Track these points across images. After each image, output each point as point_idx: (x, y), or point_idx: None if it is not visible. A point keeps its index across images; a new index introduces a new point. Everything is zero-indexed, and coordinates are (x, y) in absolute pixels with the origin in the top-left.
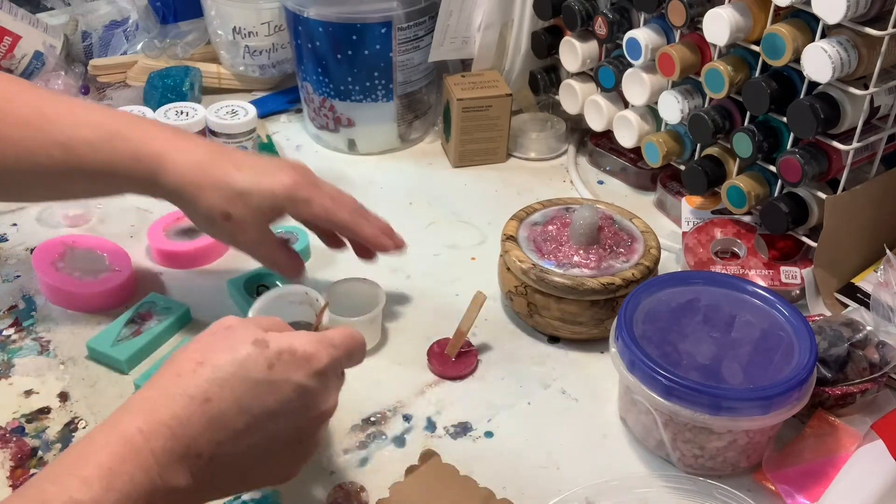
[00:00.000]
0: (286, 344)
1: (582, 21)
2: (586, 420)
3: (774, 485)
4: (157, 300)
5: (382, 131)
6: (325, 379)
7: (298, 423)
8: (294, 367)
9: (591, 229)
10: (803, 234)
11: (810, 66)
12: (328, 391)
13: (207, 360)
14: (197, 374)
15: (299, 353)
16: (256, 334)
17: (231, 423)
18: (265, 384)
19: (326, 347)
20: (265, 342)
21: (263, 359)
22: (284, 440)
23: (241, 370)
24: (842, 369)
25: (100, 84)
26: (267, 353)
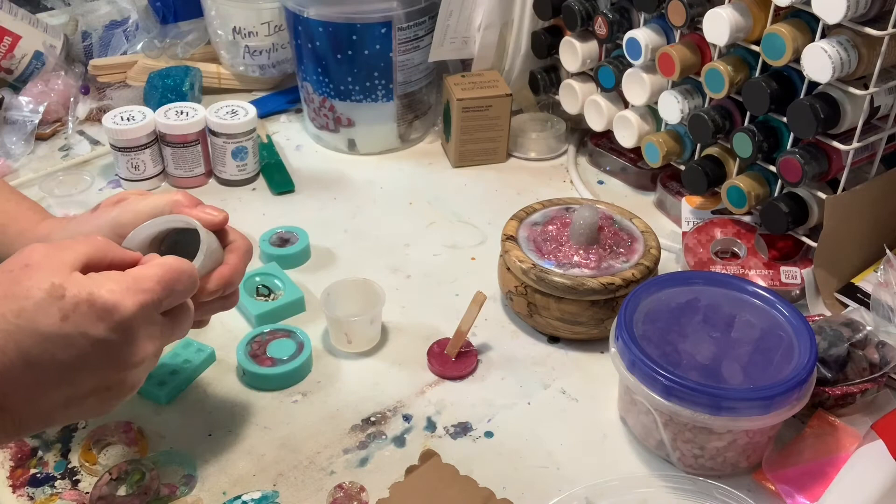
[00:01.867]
0: (85, 292)
1: (582, 21)
2: (586, 420)
3: (774, 485)
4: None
5: (382, 131)
6: (131, 329)
7: (103, 374)
8: (91, 320)
9: (591, 229)
10: (803, 234)
11: (810, 66)
12: (138, 341)
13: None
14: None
15: (98, 303)
16: (55, 277)
17: (17, 376)
18: (57, 338)
19: (135, 293)
20: (62, 289)
21: (56, 310)
22: (88, 390)
23: (29, 322)
24: (842, 369)
25: (100, 84)
26: (61, 304)
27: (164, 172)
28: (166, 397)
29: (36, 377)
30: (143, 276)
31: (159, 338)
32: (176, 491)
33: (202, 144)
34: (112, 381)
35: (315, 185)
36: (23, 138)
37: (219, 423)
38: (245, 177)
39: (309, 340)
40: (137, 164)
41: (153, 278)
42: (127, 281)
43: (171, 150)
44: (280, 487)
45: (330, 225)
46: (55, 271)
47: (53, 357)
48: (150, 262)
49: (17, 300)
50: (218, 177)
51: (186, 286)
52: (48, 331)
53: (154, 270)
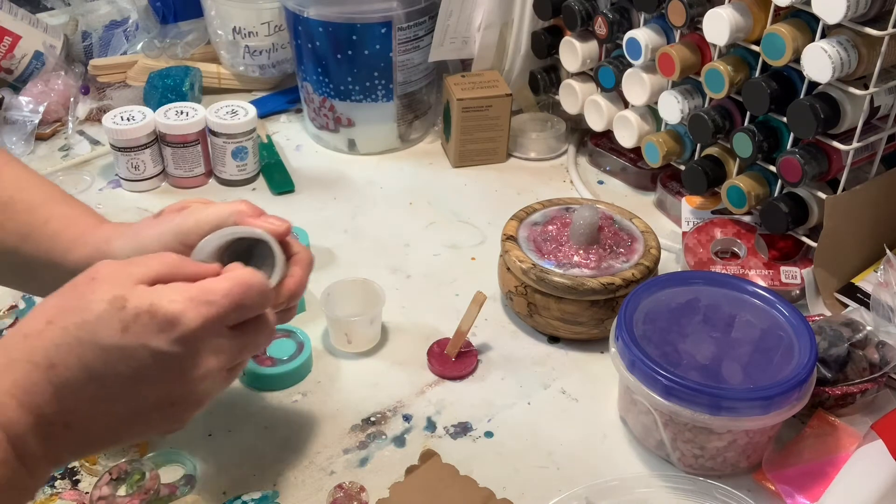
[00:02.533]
0: (146, 303)
1: (582, 21)
2: (586, 420)
3: (774, 485)
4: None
5: (382, 131)
6: (194, 342)
7: (165, 388)
8: (152, 332)
9: (591, 229)
10: (803, 234)
11: (810, 66)
12: (201, 354)
13: (56, 320)
14: (43, 337)
15: (160, 315)
16: (118, 290)
17: (80, 391)
18: (116, 350)
19: (199, 306)
20: (123, 300)
21: (117, 321)
22: (152, 405)
23: (90, 334)
24: (842, 369)
25: (100, 84)
26: (122, 315)
27: (164, 172)
28: None
29: (99, 390)
30: (210, 289)
31: (227, 352)
32: (176, 491)
33: (202, 144)
34: (176, 395)
35: (315, 185)
36: (23, 138)
37: (219, 423)
38: (245, 177)
39: (309, 340)
40: (137, 164)
41: (220, 291)
42: (192, 292)
43: (171, 150)
44: (280, 487)
45: (330, 225)
46: (120, 284)
47: (115, 370)
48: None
49: (80, 312)
50: (218, 177)
51: (256, 301)
52: (109, 343)
53: (222, 284)
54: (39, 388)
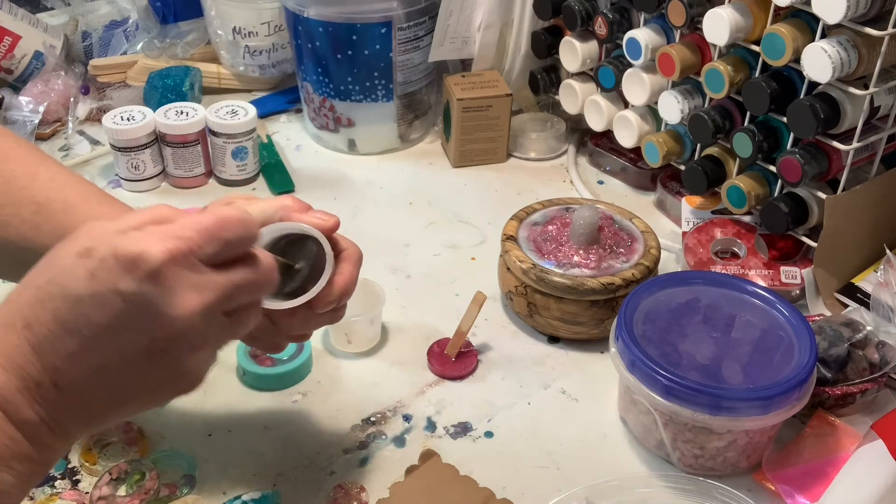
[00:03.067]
0: (111, 247)
1: (582, 21)
2: (586, 420)
3: (774, 485)
4: None
5: (382, 131)
6: (163, 278)
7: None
8: (118, 274)
9: (591, 229)
10: (803, 234)
11: (810, 66)
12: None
13: (30, 281)
14: (18, 300)
15: (122, 255)
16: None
17: (60, 346)
18: (87, 298)
19: (164, 241)
20: (90, 249)
21: (83, 269)
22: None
23: (58, 287)
24: (842, 369)
25: (100, 84)
26: (88, 263)
27: (164, 172)
28: None
29: (80, 344)
30: (180, 225)
31: (211, 289)
32: (176, 491)
33: (202, 144)
34: (163, 340)
35: (315, 185)
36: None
37: (219, 423)
38: (245, 177)
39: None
40: (137, 164)
41: (191, 226)
42: (160, 230)
43: (171, 150)
44: (280, 487)
45: None
46: (94, 237)
47: (90, 319)
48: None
49: (50, 269)
50: (218, 177)
51: (236, 232)
52: (77, 292)
53: (195, 218)
54: (18, 349)
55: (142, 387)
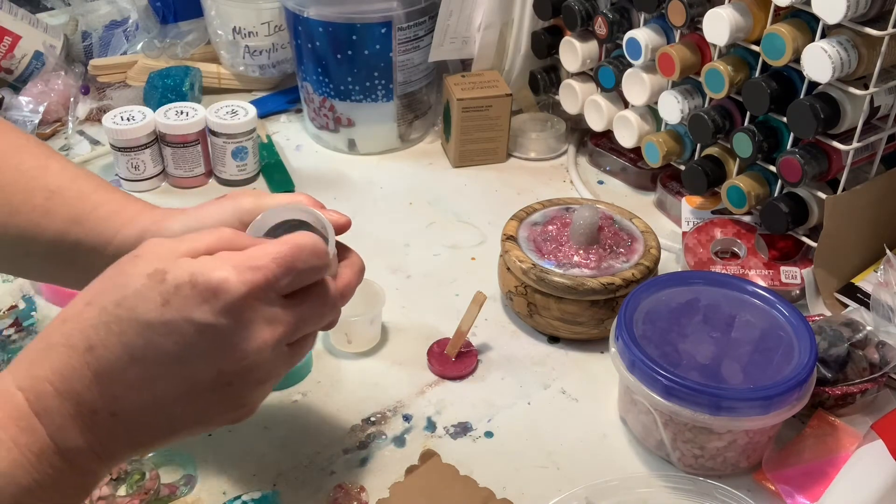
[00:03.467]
0: (187, 273)
1: (582, 21)
2: (586, 420)
3: (774, 485)
4: None
5: (382, 131)
6: (241, 312)
7: (216, 365)
8: (195, 302)
9: (591, 229)
10: (803, 234)
11: (810, 66)
12: (252, 325)
13: (95, 300)
14: (81, 319)
15: (201, 283)
16: (159, 264)
17: (123, 373)
18: (158, 325)
19: (244, 272)
20: (163, 273)
21: (157, 294)
22: (205, 386)
23: (128, 311)
24: (842, 369)
25: (100, 84)
26: (162, 288)
27: (164, 172)
28: None
29: (143, 372)
30: (257, 255)
31: (282, 323)
32: (176, 491)
33: (202, 144)
34: (230, 373)
35: (315, 185)
36: None
37: None
38: (245, 177)
39: None
40: (137, 164)
41: (269, 255)
42: (236, 259)
43: (171, 150)
44: (280, 487)
45: None
46: (163, 258)
47: (158, 347)
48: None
49: (118, 290)
50: (218, 177)
51: (311, 263)
52: (149, 318)
53: (271, 247)
54: (78, 373)
55: (199, 416)
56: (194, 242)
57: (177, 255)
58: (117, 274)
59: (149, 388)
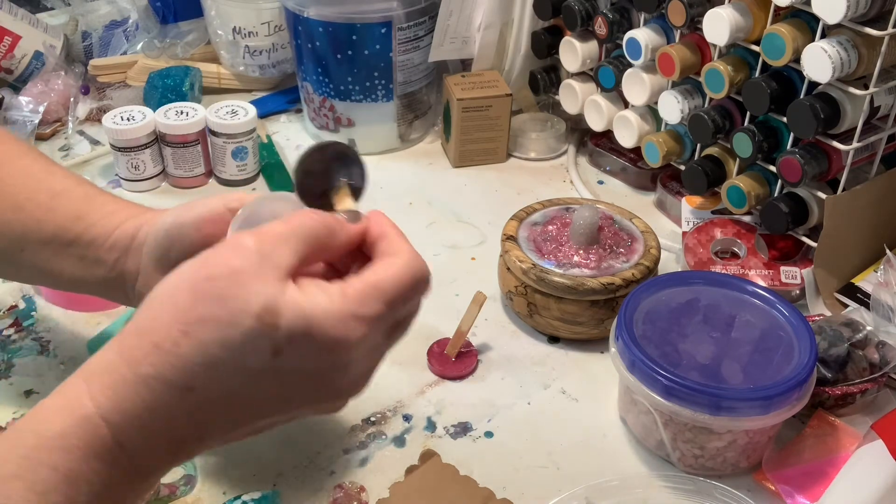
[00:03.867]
0: (302, 324)
1: (582, 21)
2: (586, 420)
3: (774, 485)
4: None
5: (382, 131)
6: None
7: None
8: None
9: (591, 229)
10: (803, 234)
11: (810, 66)
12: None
13: (194, 332)
14: (178, 353)
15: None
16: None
17: (220, 413)
18: (266, 373)
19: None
20: (275, 315)
21: (268, 343)
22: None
23: (235, 357)
24: (842, 369)
25: (100, 84)
26: (274, 337)
27: (164, 172)
28: None
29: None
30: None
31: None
32: (176, 491)
33: (202, 144)
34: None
35: None
36: (23, 138)
37: None
38: (245, 177)
39: None
40: (137, 164)
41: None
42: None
43: (171, 150)
44: (280, 487)
45: None
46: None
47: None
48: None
49: (223, 327)
50: (218, 177)
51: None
52: (257, 367)
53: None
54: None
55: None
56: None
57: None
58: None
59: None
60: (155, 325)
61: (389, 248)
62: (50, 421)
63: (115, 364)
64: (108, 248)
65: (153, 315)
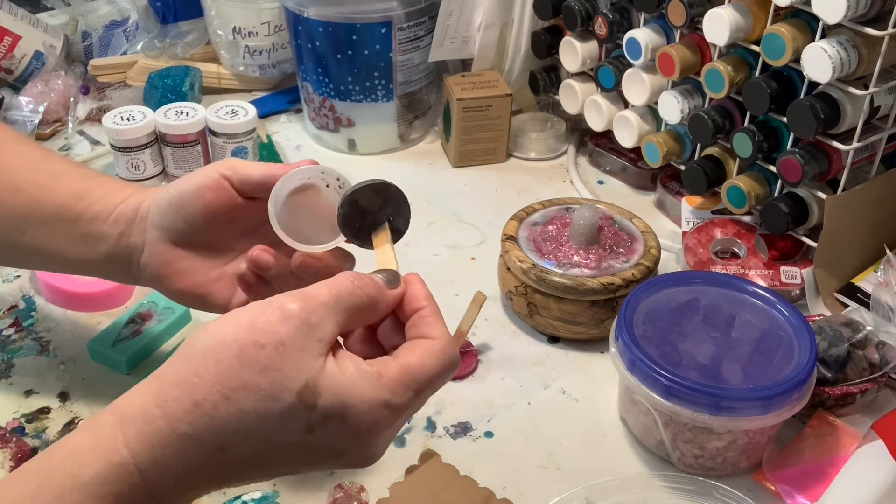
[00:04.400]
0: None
1: (582, 21)
2: (586, 420)
3: (774, 485)
4: (158, 300)
5: (382, 131)
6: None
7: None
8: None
9: (591, 229)
10: (803, 234)
11: (810, 66)
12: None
13: (236, 397)
14: (217, 416)
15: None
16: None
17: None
18: (296, 447)
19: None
20: (314, 395)
21: (303, 421)
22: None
23: (271, 430)
24: (842, 369)
25: (100, 84)
26: (310, 416)
27: (164, 172)
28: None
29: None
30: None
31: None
32: None
33: (202, 144)
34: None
35: None
36: None
37: None
38: None
39: None
40: (137, 164)
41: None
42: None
43: (171, 150)
44: (280, 487)
45: None
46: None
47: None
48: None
49: (264, 400)
50: None
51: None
52: (290, 441)
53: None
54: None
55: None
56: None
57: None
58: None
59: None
60: (197, 382)
61: (426, 327)
62: (84, 464)
63: (153, 415)
64: (111, 223)
65: (196, 371)
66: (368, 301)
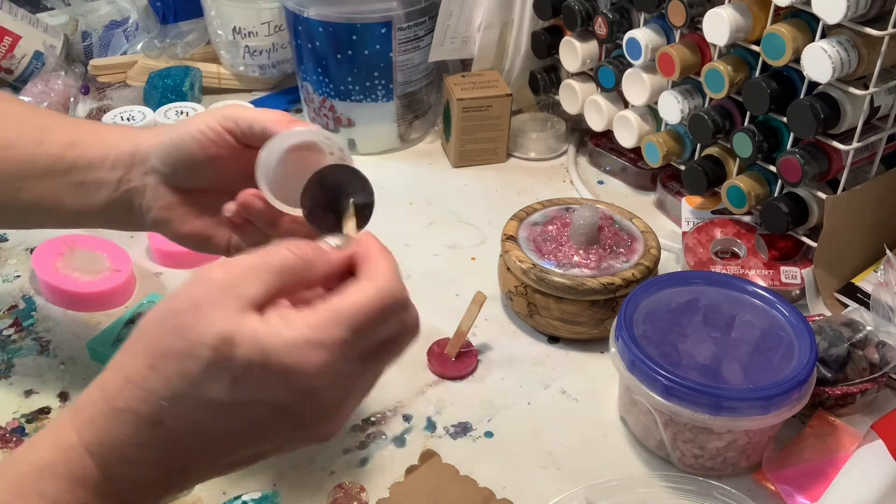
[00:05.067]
0: (259, 354)
1: (582, 21)
2: (586, 420)
3: (774, 485)
4: (157, 300)
5: (382, 131)
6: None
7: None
8: (267, 386)
9: (591, 229)
10: (803, 234)
11: (810, 66)
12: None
13: (159, 365)
14: (147, 387)
15: (273, 367)
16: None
17: (194, 446)
18: (229, 406)
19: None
20: (230, 345)
21: (226, 374)
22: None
23: (195, 388)
24: (842, 369)
25: (100, 84)
26: (231, 366)
27: None
28: None
29: (217, 443)
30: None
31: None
32: None
33: None
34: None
35: None
36: None
37: None
38: None
39: None
40: None
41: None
42: (308, 332)
43: None
44: (280, 487)
45: None
46: (227, 315)
47: (229, 425)
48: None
49: (183, 360)
50: None
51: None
52: (218, 398)
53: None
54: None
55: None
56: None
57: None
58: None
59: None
60: (128, 359)
61: (369, 272)
62: (40, 450)
63: (94, 397)
64: (108, 168)
65: (129, 348)
66: (303, 263)
